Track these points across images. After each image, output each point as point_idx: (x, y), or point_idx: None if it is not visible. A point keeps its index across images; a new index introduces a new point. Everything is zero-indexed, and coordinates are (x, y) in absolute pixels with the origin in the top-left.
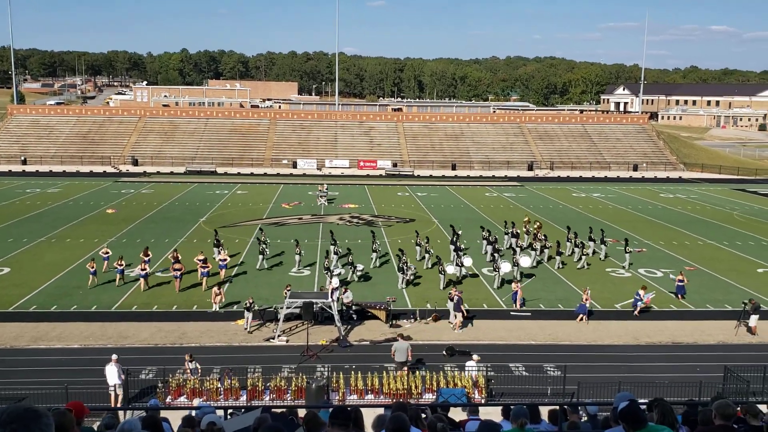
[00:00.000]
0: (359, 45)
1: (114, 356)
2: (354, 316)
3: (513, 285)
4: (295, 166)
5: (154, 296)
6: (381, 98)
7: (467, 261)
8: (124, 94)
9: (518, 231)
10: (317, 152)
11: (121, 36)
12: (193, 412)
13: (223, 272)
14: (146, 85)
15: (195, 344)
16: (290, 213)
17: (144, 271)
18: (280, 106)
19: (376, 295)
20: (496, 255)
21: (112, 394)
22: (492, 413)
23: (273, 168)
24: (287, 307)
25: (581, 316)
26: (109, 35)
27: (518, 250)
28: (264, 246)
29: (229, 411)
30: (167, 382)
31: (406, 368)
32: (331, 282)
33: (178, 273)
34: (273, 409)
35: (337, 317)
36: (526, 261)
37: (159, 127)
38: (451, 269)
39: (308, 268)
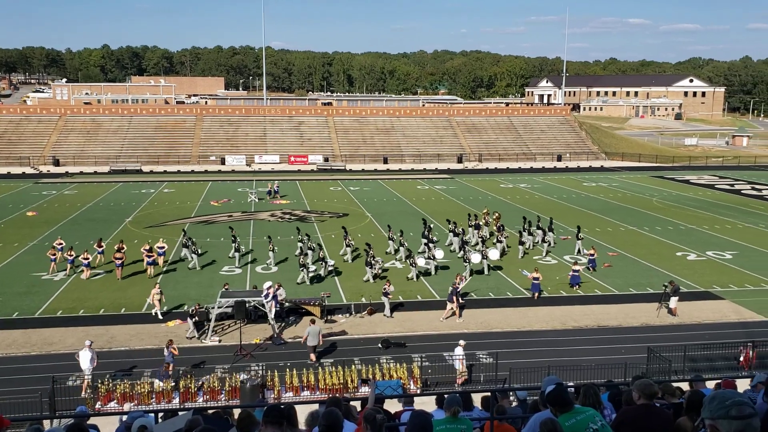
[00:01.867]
0: (286, 39)
1: (88, 342)
2: (286, 312)
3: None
4: (223, 162)
5: (80, 300)
6: (310, 92)
7: (438, 253)
8: (43, 92)
9: (480, 223)
10: (246, 148)
11: (37, 31)
12: (123, 417)
13: (161, 260)
14: (66, 82)
15: (125, 347)
16: (220, 210)
17: (87, 260)
18: (206, 102)
19: (347, 291)
20: (465, 247)
21: (86, 379)
22: (427, 403)
23: (200, 165)
24: (219, 307)
25: (535, 294)
26: (25, 30)
27: (480, 241)
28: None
29: (160, 414)
30: (96, 387)
31: (314, 354)
32: (306, 277)
33: (119, 262)
34: (207, 410)
35: (270, 315)
36: (494, 254)
37: (81, 125)
38: (421, 261)
39: (240, 266)
